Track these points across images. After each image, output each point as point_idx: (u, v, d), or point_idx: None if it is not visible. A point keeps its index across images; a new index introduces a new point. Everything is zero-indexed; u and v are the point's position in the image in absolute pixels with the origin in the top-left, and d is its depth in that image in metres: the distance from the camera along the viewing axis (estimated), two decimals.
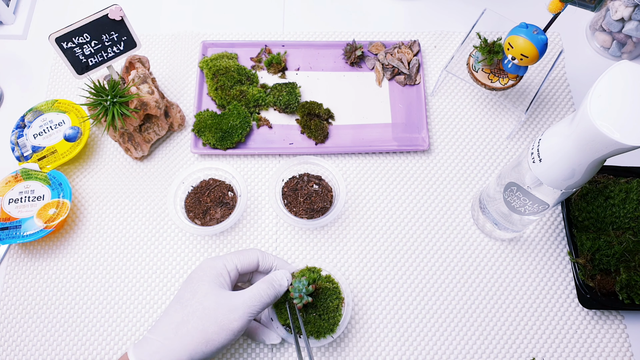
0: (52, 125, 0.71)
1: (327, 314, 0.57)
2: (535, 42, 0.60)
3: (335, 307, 0.58)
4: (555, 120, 0.76)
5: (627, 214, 0.65)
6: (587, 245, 0.63)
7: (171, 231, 0.69)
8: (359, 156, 0.73)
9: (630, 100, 0.42)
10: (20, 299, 0.65)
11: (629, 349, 0.62)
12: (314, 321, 0.57)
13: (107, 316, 0.64)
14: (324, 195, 0.68)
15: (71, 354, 0.62)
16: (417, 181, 0.72)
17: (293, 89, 0.74)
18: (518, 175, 0.54)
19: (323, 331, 0.57)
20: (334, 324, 0.58)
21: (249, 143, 0.73)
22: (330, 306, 0.58)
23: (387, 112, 0.75)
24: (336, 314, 0.58)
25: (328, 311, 0.57)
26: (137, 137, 0.69)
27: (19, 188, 0.66)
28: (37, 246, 0.68)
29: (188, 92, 0.78)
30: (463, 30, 0.82)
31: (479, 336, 0.63)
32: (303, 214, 0.67)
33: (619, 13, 0.73)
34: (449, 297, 0.65)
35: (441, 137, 0.74)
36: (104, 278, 0.66)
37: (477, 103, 0.77)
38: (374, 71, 0.78)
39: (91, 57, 0.64)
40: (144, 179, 0.72)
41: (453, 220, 0.69)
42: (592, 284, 0.62)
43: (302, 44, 0.80)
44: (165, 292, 0.65)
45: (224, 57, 0.77)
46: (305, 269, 0.58)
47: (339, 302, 0.58)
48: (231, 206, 0.68)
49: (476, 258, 0.67)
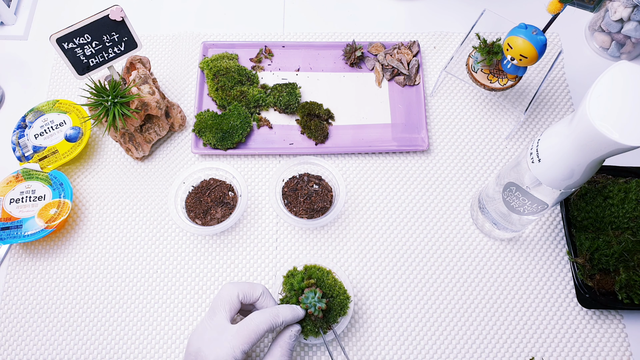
0: (53, 126, 0.71)
1: (330, 312, 0.58)
2: (535, 43, 0.60)
3: (340, 303, 0.58)
4: (554, 120, 0.76)
5: (626, 214, 0.65)
6: (586, 245, 0.64)
7: (172, 231, 0.69)
8: (358, 156, 0.74)
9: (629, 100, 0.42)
10: (22, 298, 0.65)
11: (627, 349, 0.63)
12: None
13: (107, 316, 0.64)
14: (324, 195, 0.68)
15: (72, 354, 0.63)
16: (417, 181, 0.72)
17: (293, 90, 0.74)
18: (517, 175, 0.55)
19: (324, 327, 0.57)
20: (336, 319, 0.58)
21: (250, 143, 0.73)
22: (334, 303, 0.58)
23: (386, 113, 0.75)
24: (340, 312, 0.58)
25: (333, 308, 0.58)
26: (138, 137, 0.70)
27: (20, 188, 0.67)
28: (38, 246, 0.68)
29: (189, 92, 0.78)
30: (462, 30, 0.83)
31: (478, 335, 0.64)
32: (303, 214, 0.67)
33: (618, 13, 0.73)
34: (448, 297, 0.65)
35: (440, 138, 0.75)
36: (104, 278, 0.66)
37: (477, 103, 0.77)
38: (373, 72, 0.78)
39: (92, 58, 0.64)
40: (144, 179, 0.72)
41: (452, 220, 0.70)
42: (591, 284, 0.63)
43: (302, 44, 0.80)
44: (166, 291, 0.66)
45: (225, 58, 0.77)
46: (313, 266, 0.59)
47: (344, 299, 0.59)
48: (232, 206, 0.68)
49: (475, 258, 0.68)
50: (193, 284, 0.66)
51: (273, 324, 0.51)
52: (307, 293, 0.55)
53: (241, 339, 0.49)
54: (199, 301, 0.65)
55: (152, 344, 0.63)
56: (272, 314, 0.52)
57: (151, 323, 0.64)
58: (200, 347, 0.49)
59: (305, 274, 0.58)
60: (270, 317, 0.51)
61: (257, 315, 0.51)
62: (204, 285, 0.66)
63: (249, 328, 0.50)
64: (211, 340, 0.49)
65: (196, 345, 0.50)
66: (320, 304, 0.55)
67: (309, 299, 0.55)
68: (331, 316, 0.58)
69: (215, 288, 0.66)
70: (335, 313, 0.58)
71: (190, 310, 0.65)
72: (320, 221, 0.65)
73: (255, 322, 0.50)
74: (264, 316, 0.51)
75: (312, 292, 0.55)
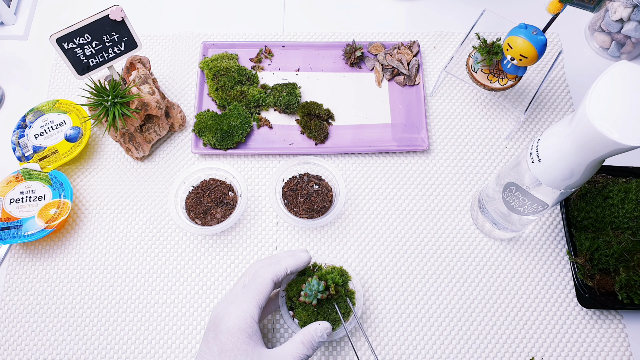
0: (53, 126, 0.71)
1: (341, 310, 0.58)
2: (535, 43, 0.60)
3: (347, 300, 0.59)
4: (554, 120, 0.76)
5: (626, 214, 0.65)
6: (586, 245, 0.64)
7: (172, 231, 0.69)
8: (358, 156, 0.74)
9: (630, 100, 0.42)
10: (22, 298, 0.65)
11: (627, 349, 0.63)
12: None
13: (107, 316, 0.64)
14: (324, 195, 0.69)
15: (72, 354, 0.63)
16: (417, 181, 0.72)
17: (293, 90, 0.74)
18: (517, 175, 0.55)
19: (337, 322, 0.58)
20: (346, 316, 0.58)
21: (250, 143, 0.73)
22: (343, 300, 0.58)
23: (386, 113, 0.75)
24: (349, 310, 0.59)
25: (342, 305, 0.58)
26: (137, 137, 0.70)
27: (20, 188, 0.67)
28: (38, 246, 0.68)
29: (189, 92, 0.78)
30: (462, 30, 0.83)
31: (478, 335, 0.64)
32: (303, 214, 0.67)
33: (618, 13, 0.73)
34: (448, 297, 0.65)
35: (440, 137, 0.75)
36: (104, 278, 0.66)
37: (477, 103, 0.77)
38: (373, 72, 0.78)
39: (92, 58, 0.64)
40: (144, 179, 0.72)
41: (452, 220, 0.70)
42: (591, 284, 0.63)
43: (302, 44, 0.80)
44: (166, 291, 0.66)
45: (225, 58, 0.77)
46: (334, 269, 0.59)
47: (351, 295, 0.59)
48: (232, 206, 0.68)
49: (475, 258, 0.68)
50: (193, 284, 0.66)
51: (276, 272, 0.54)
52: (313, 281, 0.56)
53: (250, 295, 0.52)
54: (198, 301, 0.65)
55: (152, 344, 0.63)
56: (273, 262, 0.55)
57: (151, 323, 0.64)
58: (218, 312, 0.53)
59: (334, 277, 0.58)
60: (272, 266, 0.55)
61: (260, 268, 0.55)
62: (204, 285, 0.66)
63: (256, 282, 0.53)
64: (227, 304, 0.53)
65: (216, 311, 0.54)
66: (321, 293, 0.56)
67: (313, 286, 0.56)
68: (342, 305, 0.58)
69: (215, 288, 0.66)
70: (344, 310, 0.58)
71: (190, 311, 0.65)
72: (320, 221, 0.65)
73: (259, 274, 0.54)
74: (266, 268, 0.55)
75: (317, 281, 0.56)
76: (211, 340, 0.51)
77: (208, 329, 0.53)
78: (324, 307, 0.57)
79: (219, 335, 0.51)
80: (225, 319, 0.51)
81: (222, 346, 0.50)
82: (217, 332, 0.51)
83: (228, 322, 0.51)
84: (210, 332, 0.52)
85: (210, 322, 0.53)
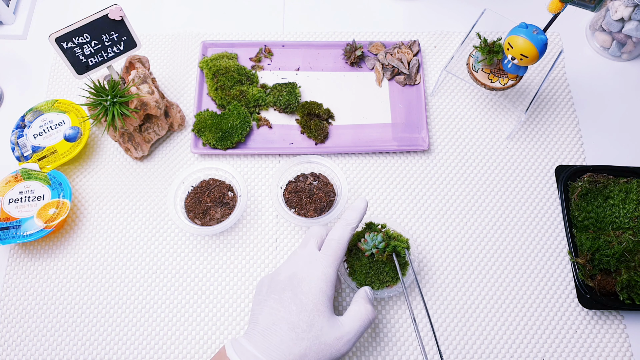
0: (52, 125, 0.71)
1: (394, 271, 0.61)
2: (535, 42, 0.60)
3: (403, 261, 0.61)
4: (555, 120, 0.76)
5: (626, 214, 0.65)
6: (586, 245, 0.64)
7: (171, 231, 0.69)
8: (359, 156, 0.73)
9: None
10: (21, 298, 0.65)
11: (628, 349, 0.63)
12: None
13: (107, 316, 0.64)
14: (326, 193, 0.68)
15: (71, 354, 0.63)
16: (417, 181, 0.72)
17: (293, 89, 0.74)
18: None
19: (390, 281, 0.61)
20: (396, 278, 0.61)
21: (249, 143, 0.73)
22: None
23: (387, 112, 0.75)
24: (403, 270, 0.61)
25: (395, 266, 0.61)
26: (137, 137, 0.70)
27: (19, 188, 0.66)
28: (37, 246, 0.68)
29: (188, 92, 0.78)
30: (463, 30, 0.82)
31: (478, 336, 0.63)
32: (304, 213, 0.67)
33: (618, 13, 0.73)
34: (448, 297, 0.65)
35: (441, 137, 0.75)
36: (104, 278, 0.66)
37: (477, 103, 0.77)
38: (373, 71, 0.78)
39: (91, 57, 0.64)
40: (144, 179, 0.72)
41: (452, 220, 0.70)
42: (592, 284, 0.62)
43: (302, 44, 0.80)
44: (165, 292, 0.65)
45: (224, 57, 0.77)
46: (400, 238, 0.61)
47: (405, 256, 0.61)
48: (231, 206, 0.68)
49: (476, 258, 0.67)
50: (192, 284, 0.66)
51: (350, 233, 0.57)
52: (378, 236, 0.59)
53: (331, 259, 0.55)
54: (198, 301, 0.65)
55: (152, 344, 0.63)
56: (343, 225, 0.58)
57: (150, 323, 0.64)
58: (295, 272, 0.55)
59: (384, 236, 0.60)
60: (344, 229, 0.57)
61: (333, 233, 0.57)
62: (204, 285, 0.66)
63: (332, 246, 0.56)
64: (305, 264, 0.55)
65: (291, 271, 0.55)
66: (380, 247, 0.58)
67: (376, 240, 0.58)
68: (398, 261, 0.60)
69: (214, 288, 0.66)
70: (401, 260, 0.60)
71: (190, 311, 0.65)
72: (322, 220, 0.65)
73: (335, 239, 0.57)
74: (339, 231, 0.57)
75: (382, 238, 0.59)
76: (288, 299, 0.53)
77: (282, 288, 0.54)
78: (376, 264, 0.60)
79: (299, 295, 0.53)
80: (307, 280, 0.53)
81: (302, 306, 0.52)
82: (297, 292, 0.53)
83: (311, 283, 0.53)
84: (287, 292, 0.53)
85: (286, 281, 0.54)
